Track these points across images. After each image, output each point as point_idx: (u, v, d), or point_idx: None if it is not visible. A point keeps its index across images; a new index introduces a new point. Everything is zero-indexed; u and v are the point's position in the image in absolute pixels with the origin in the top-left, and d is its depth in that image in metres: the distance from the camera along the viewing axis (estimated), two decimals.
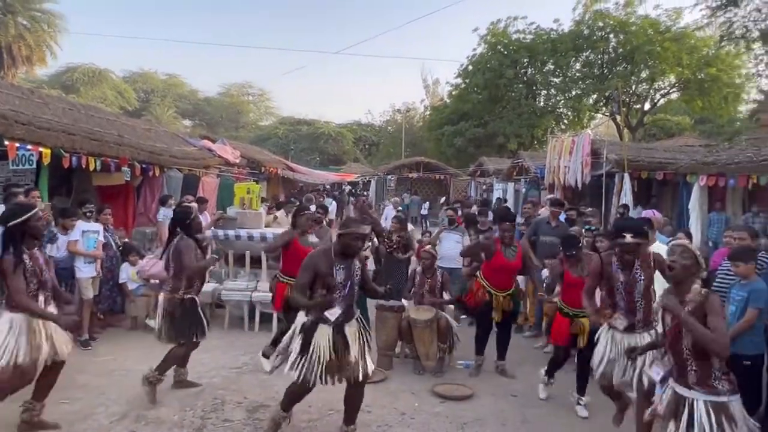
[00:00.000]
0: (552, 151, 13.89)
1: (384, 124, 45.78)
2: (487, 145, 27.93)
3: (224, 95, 49.41)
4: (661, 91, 27.30)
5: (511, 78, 26.82)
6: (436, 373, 5.56)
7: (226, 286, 7.01)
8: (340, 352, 3.74)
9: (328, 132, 41.77)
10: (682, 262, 3.05)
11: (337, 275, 3.80)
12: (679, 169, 10.42)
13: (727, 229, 5.43)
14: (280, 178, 19.19)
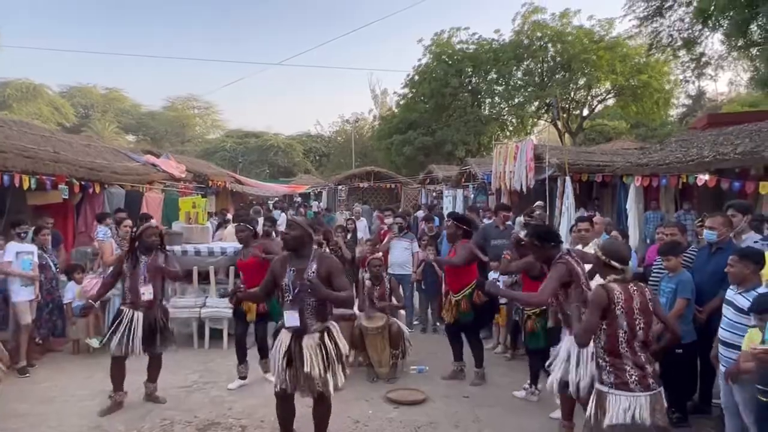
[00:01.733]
0: (498, 157, 14.26)
1: (334, 134, 45.78)
2: (436, 153, 28.40)
3: (169, 109, 48.14)
4: (597, 97, 28.61)
5: (456, 87, 27.44)
6: (389, 379, 5.60)
7: (173, 303, 6.81)
8: (296, 363, 3.63)
9: (277, 144, 41.37)
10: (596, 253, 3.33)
11: (287, 277, 3.70)
12: (615, 171, 10.91)
13: (659, 226, 5.75)
14: (228, 191, 18.83)
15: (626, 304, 3.03)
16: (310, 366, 3.59)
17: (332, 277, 3.69)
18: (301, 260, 3.71)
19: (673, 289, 4.30)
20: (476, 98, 29.01)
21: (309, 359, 3.60)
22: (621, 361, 3.00)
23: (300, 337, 3.67)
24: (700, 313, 4.40)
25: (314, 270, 3.67)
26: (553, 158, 12.13)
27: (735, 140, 8.48)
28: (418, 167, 27.50)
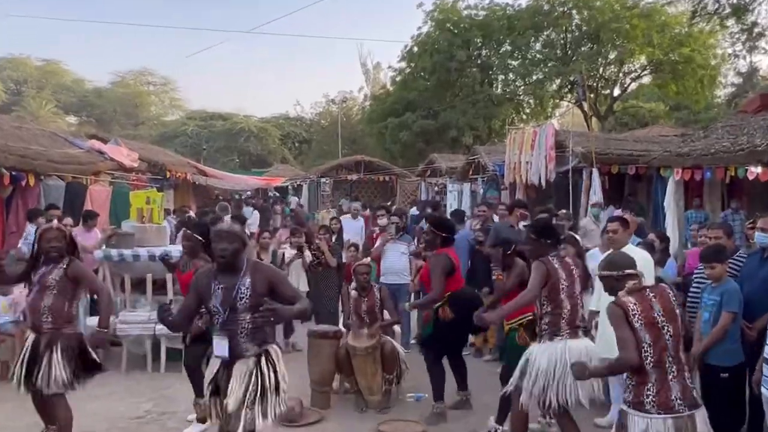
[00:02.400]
0: (512, 144, 14.32)
1: (316, 117, 45.69)
2: (438, 139, 28.43)
3: (118, 85, 47.86)
4: (631, 74, 28.77)
5: (463, 61, 27.50)
6: (381, 409, 5.61)
7: (122, 318, 6.80)
8: (221, 395, 3.60)
9: (248, 128, 41.27)
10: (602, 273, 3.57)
11: (215, 296, 3.62)
12: (651, 162, 10.99)
13: (701, 228, 5.79)
14: (190, 184, 18.78)
15: (645, 314, 3.21)
16: (233, 397, 3.52)
17: (276, 287, 3.67)
18: (230, 275, 3.64)
19: (717, 301, 4.35)
20: (487, 74, 29.09)
21: (233, 389, 3.54)
22: (642, 378, 3.19)
23: (231, 364, 3.63)
24: (749, 330, 4.43)
25: (248, 286, 3.61)
26: (577, 146, 12.20)
27: None
28: (417, 156, 27.53)
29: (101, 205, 10.12)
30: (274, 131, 42.28)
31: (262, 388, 3.55)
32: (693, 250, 6.06)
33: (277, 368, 3.66)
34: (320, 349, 5.77)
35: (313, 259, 7.72)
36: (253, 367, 3.59)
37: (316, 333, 5.88)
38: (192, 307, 3.80)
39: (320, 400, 5.66)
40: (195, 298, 3.75)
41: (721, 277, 4.42)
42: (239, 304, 3.59)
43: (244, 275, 3.63)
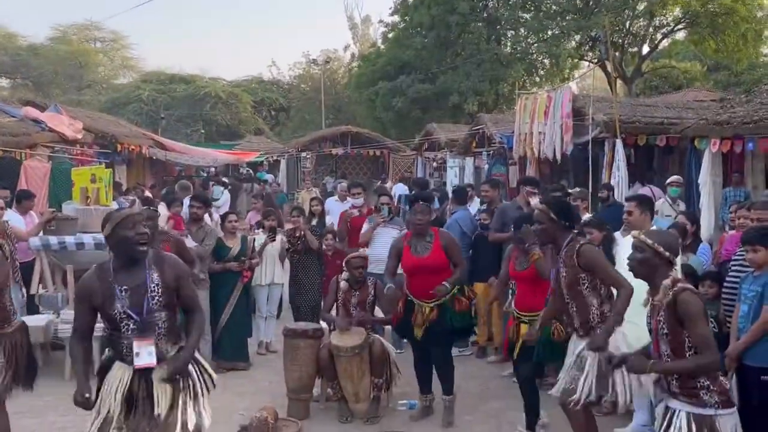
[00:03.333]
0: (522, 112, 14.29)
1: (295, 80, 45.57)
2: (437, 107, 28.38)
3: (58, 41, 47.30)
4: (663, 28, 28.72)
5: (466, 14, 27.37)
6: (369, 418, 5.63)
7: (64, 317, 6.75)
8: (140, 408, 3.58)
9: (215, 93, 41.03)
10: (637, 257, 3.59)
11: (118, 301, 3.58)
12: (684, 131, 10.98)
13: (740, 207, 5.80)
14: (146, 159, 18.69)
15: None
16: (163, 407, 3.56)
17: (181, 285, 3.74)
18: (131, 272, 3.62)
19: (758, 293, 4.34)
20: (494, 30, 28.99)
21: (160, 399, 3.59)
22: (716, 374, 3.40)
23: (148, 371, 3.62)
24: None
25: (157, 282, 3.63)
26: (598, 113, 12.18)
27: None
28: (413, 127, 27.53)
29: (38, 184, 10.02)
30: (246, 97, 42.07)
31: (193, 390, 3.71)
32: (730, 234, 6.07)
33: (204, 367, 3.85)
34: (298, 351, 5.77)
35: (288, 245, 7.71)
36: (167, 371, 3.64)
37: (293, 332, 5.87)
38: (89, 321, 3.69)
39: (298, 410, 5.67)
40: (89, 309, 3.65)
41: (764, 264, 4.41)
42: (153, 304, 3.60)
43: (149, 269, 3.64)
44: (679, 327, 3.37)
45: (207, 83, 42.42)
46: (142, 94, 40.80)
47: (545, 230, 4.47)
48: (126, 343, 3.60)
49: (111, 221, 3.59)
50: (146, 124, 32.75)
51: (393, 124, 29.58)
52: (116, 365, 3.66)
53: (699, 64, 30.42)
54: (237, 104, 41.36)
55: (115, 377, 3.62)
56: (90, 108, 28.30)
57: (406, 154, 26.39)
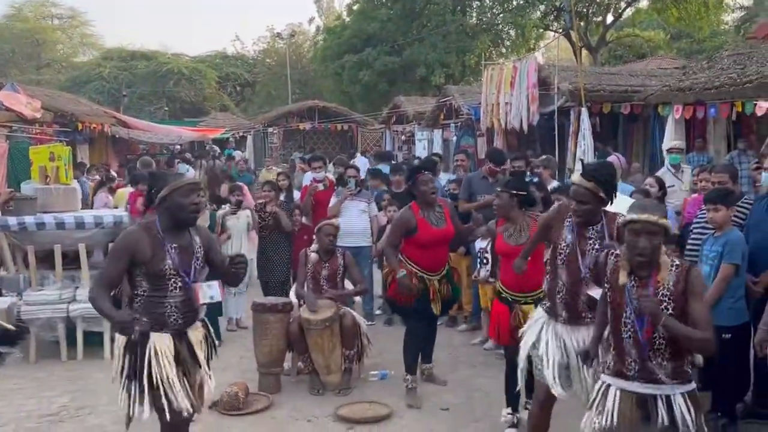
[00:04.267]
0: (488, 83, 14.31)
1: (260, 55, 45.04)
2: (404, 79, 28.26)
3: (14, 19, 46.06)
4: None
5: None
6: (341, 390, 5.65)
7: (27, 298, 6.66)
8: (188, 367, 3.68)
9: (178, 69, 40.41)
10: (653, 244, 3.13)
11: (172, 257, 3.64)
12: (648, 98, 11.11)
13: (702, 171, 5.89)
14: (108, 138, 18.42)
15: None
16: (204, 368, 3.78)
17: (212, 248, 3.92)
18: (179, 234, 3.71)
19: (719, 252, 4.44)
20: (459, 1, 28.85)
21: (203, 359, 3.79)
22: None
23: (183, 334, 3.72)
24: (754, 285, 4.56)
25: (200, 244, 3.80)
26: (564, 83, 12.24)
27: None
28: (380, 100, 27.38)
29: None
30: (210, 73, 41.53)
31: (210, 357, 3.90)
32: (692, 197, 6.17)
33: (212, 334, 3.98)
34: (268, 325, 5.74)
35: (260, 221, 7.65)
36: (204, 332, 3.85)
37: (262, 306, 5.83)
38: (120, 275, 3.66)
39: (269, 384, 5.67)
40: (127, 263, 3.61)
41: (724, 223, 4.51)
42: (198, 264, 3.75)
43: (192, 232, 3.78)
44: (685, 306, 3.07)
45: (169, 59, 41.73)
46: (103, 71, 40.01)
47: (590, 211, 3.87)
48: (172, 303, 3.63)
49: (169, 186, 3.62)
50: (108, 103, 32.16)
51: (360, 98, 29.42)
52: (153, 337, 3.60)
53: (662, 32, 30.66)
54: (201, 80, 40.80)
55: (159, 346, 3.60)
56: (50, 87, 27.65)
57: (375, 128, 26.32)
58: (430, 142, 18.86)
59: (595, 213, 3.89)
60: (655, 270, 3.13)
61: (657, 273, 3.13)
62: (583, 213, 3.87)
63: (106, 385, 5.80)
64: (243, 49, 46.51)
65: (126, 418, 3.69)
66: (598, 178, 3.85)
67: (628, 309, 3.17)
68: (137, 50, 44.03)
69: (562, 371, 3.92)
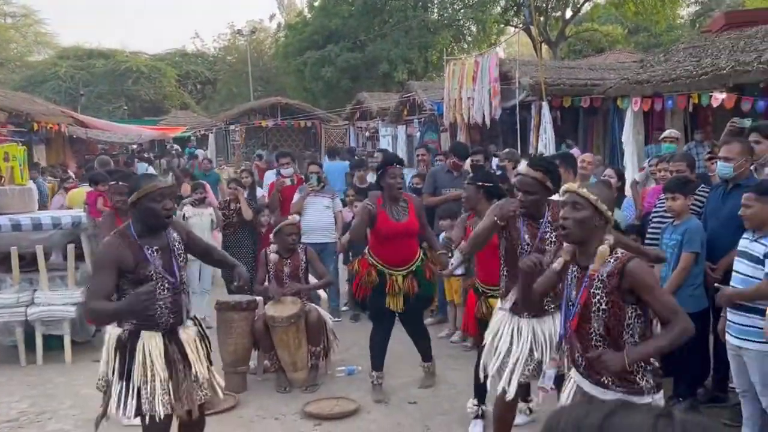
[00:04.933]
0: (451, 78, 14.36)
1: (221, 53, 44.63)
2: (367, 76, 28.23)
3: None
4: None
5: None
6: (307, 387, 5.64)
7: None
8: (178, 367, 3.67)
9: (137, 68, 39.86)
10: (575, 216, 2.95)
11: (153, 261, 3.65)
12: (607, 91, 11.25)
13: (659, 161, 5.99)
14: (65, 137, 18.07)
15: None
16: (198, 366, 3.74)
17: (191, 237, 3.97)
18: (155, 235, 3.71)
19: (678, 241, 4.53)
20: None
21: (193, 358, 3.74)
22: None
23: (174, 333, 3.72)
24: (713, 272, 4.66)
25: (178, 240, 3.81)
26: (525, 77, 12.34)
27: (759, 45, 8.90)
28: (344, 97, 27.33)
29: None
30: (170, 71, 41.07)
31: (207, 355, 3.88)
32: (651, 187, 6.27)
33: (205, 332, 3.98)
34: (232, 324, 5.70)
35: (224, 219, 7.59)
36: (198, 331, 3.86)
37: (226, 305, 5.78)
38: (111, 288, 3.60)
39: (235, 383, 5.61)
40: (114, 275, 3.56)
41: (682, 212, 4.60)
42: (180, 262, 3.77)
43: (169, 231, 3.78)
44: (622, 302, 2.88)
45: (128, 58, 41.19)
46: (59, 70, 39.31)
47: (536, 201, 3.85)
48: (161, 304, 3.64)
49: (139, 191, 3.60)
50: (65, 102, 31.56)
51: (323, 95, 29.32)
52: (143, 335, 3.62)
53: (620, 27, 31.13)
54: (160, 78, 40.32)
55: (148, 346, 3.61)
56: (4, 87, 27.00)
57: (338, 124, 26.23)
58: (394, 138, 18.88)
59: (542, 204, 3.89)
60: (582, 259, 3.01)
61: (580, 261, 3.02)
62: (529, 204, 3.86)
63: (67, 390, 5.77)
64: (203, 46, 46.23)
65: (97, 420, 3.65)
66: (547, 167, 3.87)
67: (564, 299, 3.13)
68: (94, 49, 43.35)
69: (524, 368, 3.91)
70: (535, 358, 3.90)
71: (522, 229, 3.97)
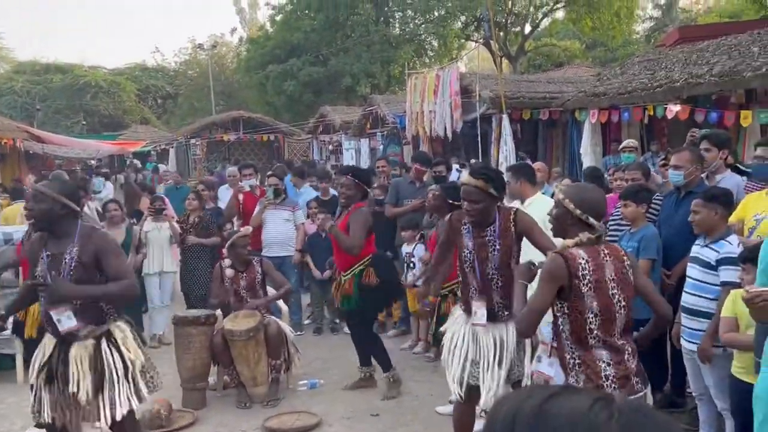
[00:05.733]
0: (413, 91, 14.45)
1: (182, 67, 44.23)
2: (330, 90, 28.24)
3: None
4: (542, 8, 29.71)
5: None
6: (269, 401, 5.56)
7: None
8: (58, 381, 3.67)
9: (95, 82, 39.26)
10: (553, 212, 3.21)
11: (40, 266, 3.76)
12: (565, 104, 11.43)
13: (616, 170, 6.09)
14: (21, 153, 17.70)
15: (596, 275, 2.99)
16: (76, 385, 3.63)
17: (102, 259, 3.74)
18: (60, 241, 3.74)
19: (635, 248, 4.58)
20: (382, 12, 29.10)
21: (75, 375, 3.65)
22: (592, 356, 3.03)
23: (68, 345, 3.71)
24: (667, 278, 4.73)
25: (74, 255, 3.70)
26: (485, 90, 12.46)
27: (711, 58, 9.13)
28: (306, 111, 27.26)
29: None
30: (129, 85, 40.57)
31: (108, 376, 3.68)
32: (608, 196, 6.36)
33: (123, 351, 3.76)
34: (190, 339, 5.59)
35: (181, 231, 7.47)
36: (94, 350, 3.71)
37: (183, 319, 5.68)
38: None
39: (193, 399, 5.51)
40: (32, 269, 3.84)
41: (636, 219, 4.68)
42: (66, 275, 3.69)
43: (74, 243, 3.71)
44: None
45: (86, 72, 40.58)
46: (15, 85, 38.62)
47: (483, 210, 3.89)
48: (43, 310, 3.72)
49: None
50: (21, 117, 30.94)
51: (286, 108, 29.21)
52: (45, 338, 3.79)
53: (578, 42, 31.69)
54: (120, 93, 39.78)
55: (41, 346, 3.73)
56: None
57: (301, 138, 26.12)
58: (357, 151, 18.89)
59: (489, 212, 3.92)
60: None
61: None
62: (476, 212, 3.90)
63: (18, 410, 5.57)
64: (164, 60, 45.71)
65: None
66: (488, 174, 3.92)
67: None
68: (52, 63, 42.60)
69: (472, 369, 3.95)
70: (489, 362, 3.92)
71: (466, 237, 4.03)
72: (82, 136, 29.61)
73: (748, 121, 7.66)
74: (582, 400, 0.94)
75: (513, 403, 0.97)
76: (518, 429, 0.94)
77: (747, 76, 7.71)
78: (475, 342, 3.97)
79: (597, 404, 0.93)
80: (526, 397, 0.97)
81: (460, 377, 3.96)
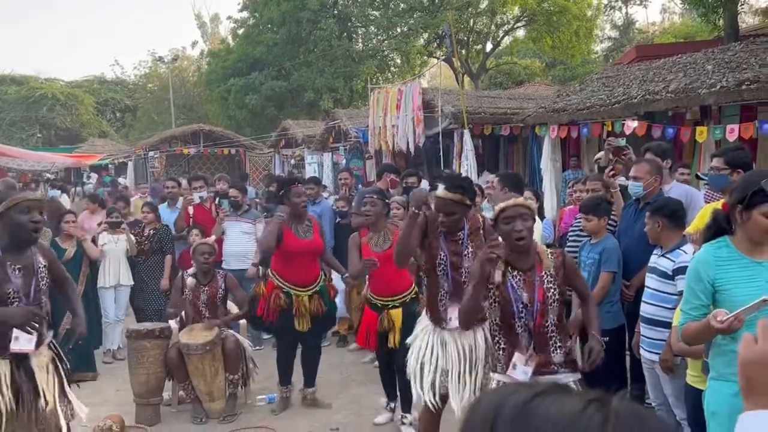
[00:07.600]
0: (375, 106, 14.46)
1: (141, 79, 43.77)
2: (293, 104, 28.16)
3: None
4: (504, 26, 30.15)
5: (316, 10, 27.36)
6: (225, 417, 5.47)
7: None
8: (25, 397, 3.51)
9: (52, 94, 38.53)
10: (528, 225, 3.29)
11: (11, 282, 3.52)
12: (525, 119, 11.55)
13: (575, 182, 6.14)
14: None
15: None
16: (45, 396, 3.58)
17: (53, 266, 3.80)
18: (21, 253, 3.62)
19: (596, 260, 4.61)
20: (345, 27, 29.15)
21: (45, 388, 3.60)
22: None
23: (25, 359, 3.57)
24: (627, 289, 4.76)
25: (43, 263, 3.70)
26: (447, 105, 12.54)
27: (667, 75, 9.33)
28: (268, 125, 27.09)
29: None
30: (87, 98, 39.93)
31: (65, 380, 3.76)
32: (568, 209, 6.42)
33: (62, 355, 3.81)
34: (144, 352, 5.46)
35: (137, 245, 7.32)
36: (53, 356, 3.72)
37: (137, 333, 5.54)
38: None
39: (147, 415, 5.38)
40: None
41: (599, 231, 4.70)
42: (41, 286, 3.65)
43: (34, 251, 3.66)
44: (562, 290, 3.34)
45: (42, 84, 39.82)
46: None
47: (458, 219, 4.03)
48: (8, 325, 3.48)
49: (5, 202, 3.46)
50: None
51: (248, 122, 29.02)
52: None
53: (538, 60, 32.21)
54: (77, 106, 39.09)
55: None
56: None
57: (263, 152, 25.94)
58: (320, 166, 18.85)
59: (462, 220, 4.08)
60: (537, 261, 3.31)
61: (540, 263, 3.31)
62: (451, 223, 4.02)
63: None
64: (123, 73, 45.15)
65: None
66: (463, 186, 4.00)
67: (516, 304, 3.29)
68: (7, 75, 41.74)
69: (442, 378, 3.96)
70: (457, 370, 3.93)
71: (441, 240, 4.09)
72: (38, 148, 28.98)
73: (704, 137, 7.82)
74: (573, 401, 0.87)
75: (495, 399, 0.90)
76: (500, 427, 0.87)
77: (702, 93, 7.90)
78: (444, 350, 3.98)
79: (591, 406, 0.85)
80: (511, 393, 0.90)
81: (431, 386, 3.96)
